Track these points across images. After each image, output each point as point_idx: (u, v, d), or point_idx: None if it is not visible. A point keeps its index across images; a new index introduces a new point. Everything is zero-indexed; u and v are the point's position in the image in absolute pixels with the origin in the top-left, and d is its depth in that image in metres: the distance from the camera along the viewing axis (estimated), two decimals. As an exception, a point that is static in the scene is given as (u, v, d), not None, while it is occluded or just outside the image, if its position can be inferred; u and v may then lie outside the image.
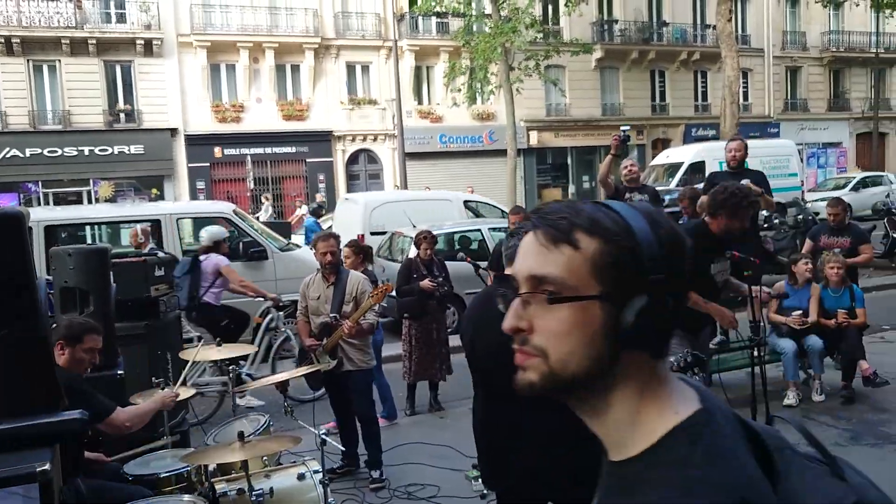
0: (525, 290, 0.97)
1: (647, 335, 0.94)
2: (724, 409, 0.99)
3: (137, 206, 9.60)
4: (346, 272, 5.39)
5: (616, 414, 0.96)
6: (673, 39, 31.31)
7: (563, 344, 0.94)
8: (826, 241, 7.14)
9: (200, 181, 24.89)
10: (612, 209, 0.97)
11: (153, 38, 23.89)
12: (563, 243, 0.94)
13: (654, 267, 0.93)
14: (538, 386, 0.96)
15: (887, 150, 36.20)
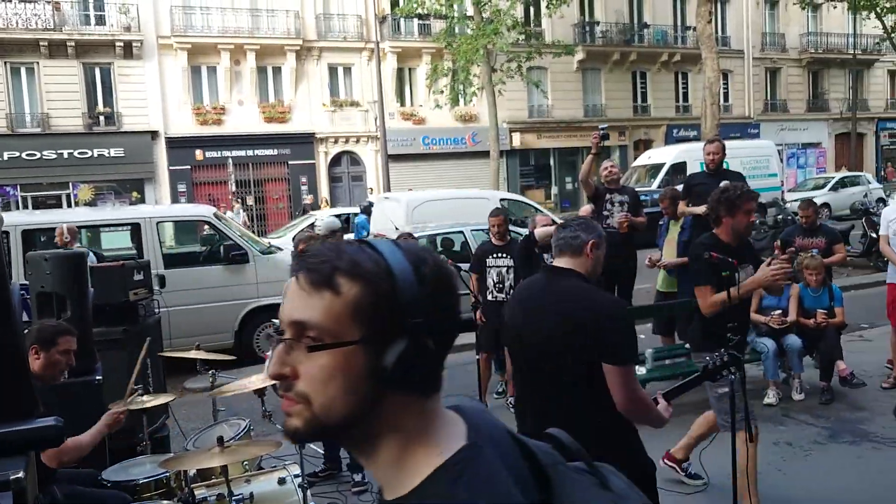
0: (288, 335, 0.95)
1: (411, 377, 0.94)
2: (498, 435, 1.00)
3: (117, 210, 9.51)
4: None
5: (384, 456, 0.96)
6: (654, 41, 31.52)
7: (325, 390, 0.93)
8: (801, 242, 7.19)
9: (181, 184, 24.73)
10: (376, 249, 0.96)
11: (133, 40, 23.72)
12: (324, 288, 0.93)
13: (414, 309, 0.93)
14: (302, 432, 0.95)
15: (865, 151, 36.64)
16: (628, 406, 2.75)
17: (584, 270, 2.92)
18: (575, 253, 2.93)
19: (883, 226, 6.66)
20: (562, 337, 2.81)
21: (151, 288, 5.69)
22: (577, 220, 3.10)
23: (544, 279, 3.04)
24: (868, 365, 7.16)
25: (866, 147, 36.92)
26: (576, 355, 2.79)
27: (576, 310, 2.80)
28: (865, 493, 4.64)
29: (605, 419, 2.81)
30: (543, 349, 2.89)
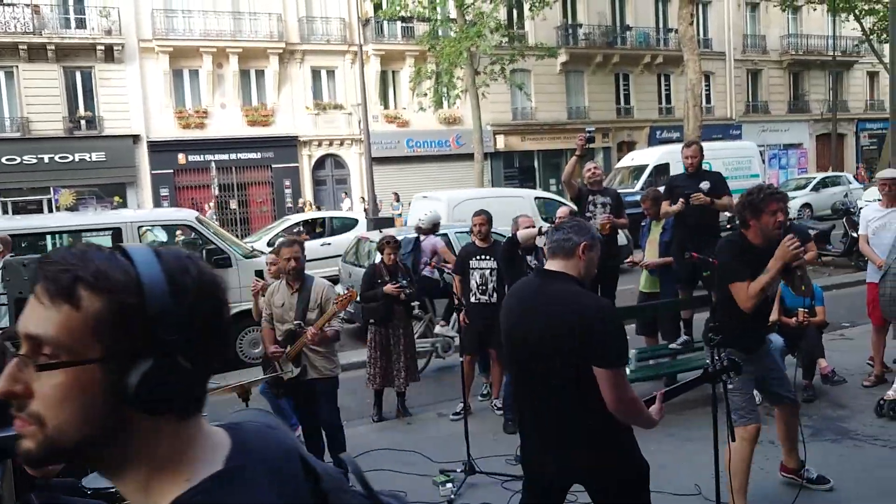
0: (24, 350, 0.87)
1: (161, 399, 0.87)
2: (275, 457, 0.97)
3: (98, 215, 9.42)
4: (310, 279, 5.34)
5: (130, 480, 0.91)
6: (636, 43, 31.69)
7: (59, 411, 0.85)
8: None
9: (164, 188, 24.57)
10: (129, 257, 0.89)
11: (114, 43, 23.54)
12: (62, 300, 0.85)
13: (166, 325, 0.86)
14: (35, 454, 0.86)
15: (846, 151, 37.01)
16: (618, 407, 2.77)
17: (577, 272, 2.94)
18: (567, 255, 2.95)
19: (862, 225, 6.73)
20: (551, 339, 2.82)
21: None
22: (570, 221, 3.11)
23: (537, 281, 3.06)
24: (849, 363, 7.22)
25: (847, 148, 37.30)
26: (565, 358, 2.80)
27: (565, 312, 2.82)
28: (848, 490, 4.67)
29: (595, 420, 2.82)
30: (534, 351, 2.91)
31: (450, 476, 5.20)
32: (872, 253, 6.60)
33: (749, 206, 4.01)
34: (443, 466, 5.42)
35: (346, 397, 7.76)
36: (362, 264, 10.53)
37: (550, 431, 2.97)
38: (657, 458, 5.32)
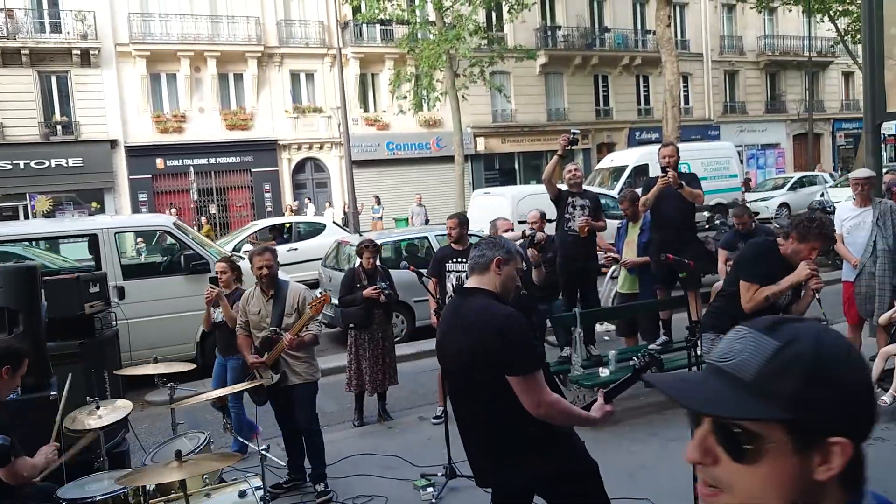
0: None
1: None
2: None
3: (74, 221, 9.31)
4: (285, 284, 5.31)
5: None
6: (615, 45, 31.87)
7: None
8: None
9: (142, 193, 24.35)
10: None
11: (90, 47, 23.31)
12: None
13: None
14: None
15: (822, 150, 37.45)
16: (540, 411, 2.82)
17: (494, 287, 3.01)
18: (482, 271, 3.03)
19: (837, 225, 6.79)
20: (470, 355, 2.90)
21: (108, 300, 5.59)
22: (486, 238, 3.19)
23: (457, 300, 3.16)
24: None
25: (823, 147, 37.73)
26: (485, 372, 2.87)
27: (476, 328, 2.90)
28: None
29: (530, 427, 2.88)
30: (459, 368, 3.01)
31: (431, 480, 5.19)
32: (847, 252, 6.68)
33: (803, 229, 4.13)
34: (424, 470, 5.41)
35: (327, 402, 7.74)
36: (342, 268, 10.50)
37: (489, 444, 3.02)
38: (639, 459, 5.37)
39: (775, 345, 1.00)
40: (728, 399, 1.00)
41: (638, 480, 5.02)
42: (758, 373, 0.99)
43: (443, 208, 25.89)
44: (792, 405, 0.97)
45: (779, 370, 0.98)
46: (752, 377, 0.99)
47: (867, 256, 6.49)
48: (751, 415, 0.98)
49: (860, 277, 6.57)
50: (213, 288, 5.90)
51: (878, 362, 6.03)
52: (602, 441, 5.07)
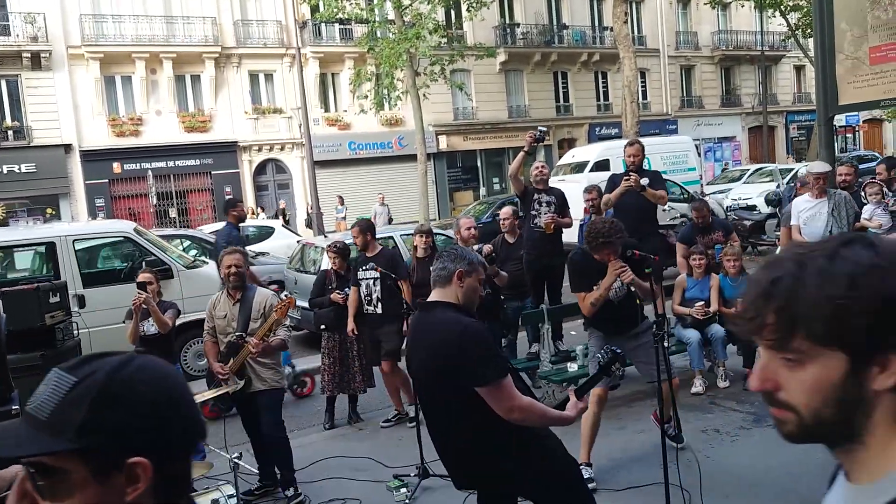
0: None
1: None
2: None
3: (30, 230, 9.10)
4: (252, 289, 5.26)
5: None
6: (573, 42, 32.13)
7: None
8: (702, 240, 7.38)
9: (99, 198, 23.86)
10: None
11: (41, 50, 22.76)
12: None
13: None
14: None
15: (776, 143, 38.24)
16: (514, 416, 2.84)
17: (456, 299, 3.01)
18: (444, 284, 3.03)
19: (794, 216, 6.93)
20: (434, 369, 2.93)
21: (69, 310, 5.48)
22: (449, 250, 3.19)
23: (421, 314, 3.18)
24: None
25: (777, 139, 38.53)
26: (448, 383, 2.89)
27: (436, 342, 2.92)
28: (789, 475, 4.82)
29: (503, 433, 2.90)
30: (424, 380, 3.05)
31: (404, 481, 5.19)
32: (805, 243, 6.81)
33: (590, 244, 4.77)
34: (396, 471, 5.41)
35: (296, 406, 7.69)
36: (308, 270, 10.43)
37: (464, 451, 3.03)
38: (608, 452, 5.43)
39: (72, 381, 1.03)
40: (25, 439, 1.01)
41: (607, 472, 5.08)
42: (53, 409, 1.02)
43: (406, 207, 25.87)
44: (81, 434, 0.99)
45: (71, 403, 1.01)
46: (47, 415, 1.01)
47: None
48: (37, 450, 1.00)
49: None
50: (140, 294, 5.57)
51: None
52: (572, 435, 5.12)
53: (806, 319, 0.97)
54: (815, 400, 0.99)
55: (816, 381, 0.98)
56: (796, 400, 1.00)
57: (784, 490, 4.63)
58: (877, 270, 0.97)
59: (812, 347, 0.98)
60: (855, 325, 0.95)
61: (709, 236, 7.44)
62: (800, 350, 0.98)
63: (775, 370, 1.01)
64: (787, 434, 1.04)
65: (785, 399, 1.01)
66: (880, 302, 0.95)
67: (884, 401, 0.98)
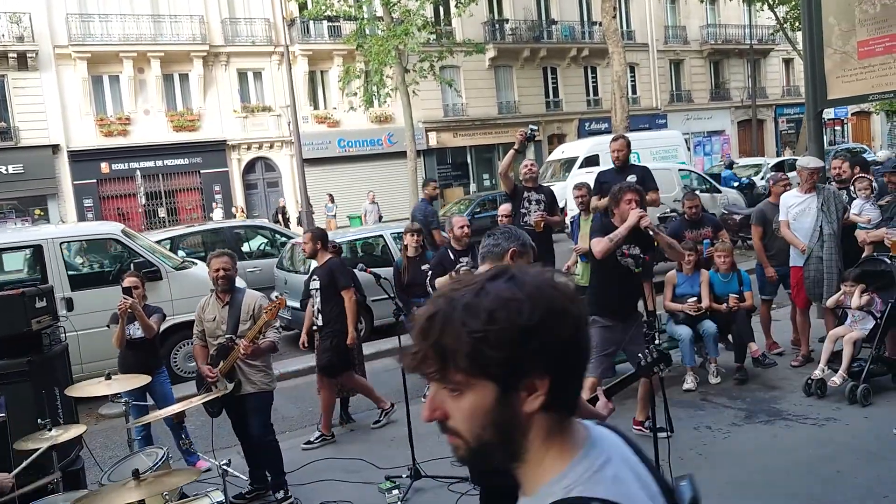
0: None
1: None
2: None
3: (17, 232, 9.02)
4: (241, 291, 5.22)
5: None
6: (562, 37, 32.13)
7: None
8: (690, 235, 7.39)
9: (88, 199, 23.72)
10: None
11: (27, 50, 22.59)
12: None
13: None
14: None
15: (766, 136, 38.36)
16: None
17: None
18: (496, 260, 3.00)
19: (783, 211, 6.93)
20: None
21: (56, 314, 5.41)
22: (503, 228, 3.15)
23: None
24: (779, 342, 7.47)
25: (766, 133, 38.65)
26: None
27: None
28: (781, 471, 4.82)
29: None
30: None
31: (395, 482, 5.16)
32: (794, 238, 6.82)
33: (612, 196, 5.03)
34: (388, 472, 5.38)
35: (288, 406, 7.65)
36: (298, 270, 10.38)
37: None
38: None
39: None
40: None
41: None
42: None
43: (396, 204, 25.82)
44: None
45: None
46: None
47: (814, 241, 6.65)
48: None
49: (808, 262, 6.72)
50: (126, 299, 5.51)
51: (828, 344, 6.19)
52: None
53: (454, 353, 1.04)
54: (476, 426, 1.07)
55: (473, 409, 1.06)
56: (461, 427, 1.08)
57: (776, 486, 4.63)
58: (514, 303, 1.04)
59: (465, 378, 1.05)
60: (494, 356, 1.03)
61: (698, 231, 7.44)
62: (457, 381, 1.06)
63: (443, 400, 1.09)
64: (460, 458, 1.11)
65: (453, 426, 1.09)
66: (517, 332, 1.03)
67: (536, 421, 1.08)
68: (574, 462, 1.09)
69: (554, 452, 1.10)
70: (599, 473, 1.08)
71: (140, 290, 5.73)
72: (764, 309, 7.51)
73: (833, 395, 5.98)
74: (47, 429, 3.95)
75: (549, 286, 1.09)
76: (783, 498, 4.49)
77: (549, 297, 1.07)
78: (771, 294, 7.50)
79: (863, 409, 5.70)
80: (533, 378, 1.05)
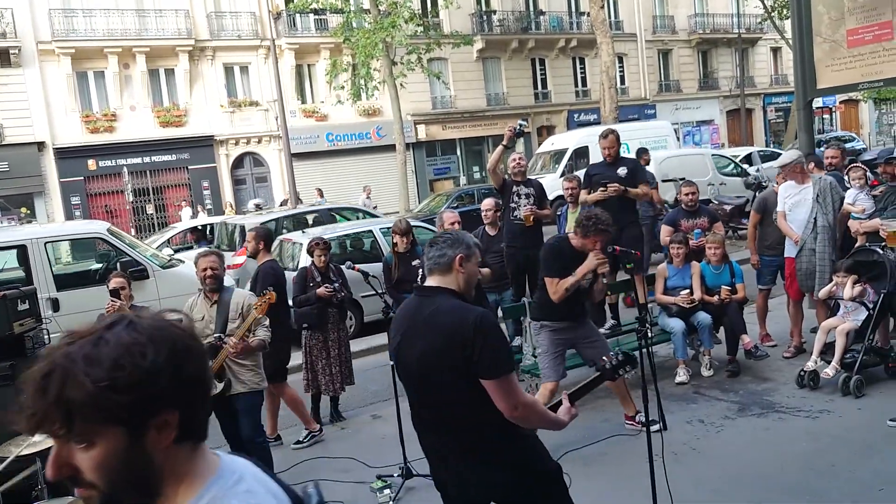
0: None
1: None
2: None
3: (1, 231, 8.90)
4: (229, 290, 5.14)
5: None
6: (550, 28, 32.03)
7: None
8: (686, 224, 7.35)
9: (75, 196, 23.51)
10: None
11: (9, 46, 22.31)
12: None
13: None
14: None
15: (755, 125, 38.41)
16: (515, 414, 2.72)
17: (457, 286, 2.89)
18: (444, 271, 2.90)
19: (780, 201, 6.90)
20: (435, 358, 2.77)
21: (40, 316, 5.33)
22: (444, 236, 3.05)
23: (415, 301, 3.01)
24: (771, 334, 7.45)
25: (755, 122, 38.70)
26: (451, 375, 2.75)
27: (446, 327, 2.76)
28: (774, 464, 4.79)
29: (493, 431, 2.79)
30: (421, 373, 2.87)
31: (387, 482, 5.11)
32: (789, 229, 6.79)
33: (583, 227, 4.96)
34: (379, 471, 5.33)
35: (277, 406, 7.57)
36: (286, 266, 10.28)
37: (451, 454, 2.90)
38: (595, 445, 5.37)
39: None
40: None
41: (591, 466, 5.03)
42: None
43: (387, 197, 25.72)
44: None
45: None
46: None
47: (808, 233, 6.62)
48: None
49: (801, 254, 6.70)
50: (114, 301, 5.41)
51: (820, 335, 6.17)
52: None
53: (80, 406, 1.04)
54: (110, 473, 1.08)
55: (105, 457, 1.07)
56: (94, 477, 1.08)
57: (770, 480, 4.60)
58: (136, 346, 1.07)
59: (94, 429, 1.06)
60: (122, 401, 1.04)
61: (693, 221, 7.39)
62: (85, 434, 1.06)
63: (69, 456, 1.08)
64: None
65: (86, 479, 1.09)
66: (143, 374, 1.06)
67: (169, 454, 1.12)
68: (209, 484, 1.15)
69: (189, 479, 1.14)
70: (233, 489, 1.15)
71: (127, 290, 5.64)
72: (761, 298, 7.48)
73: (826, 386, 5.95)
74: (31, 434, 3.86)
75: (169, 326, 1.13)
76: (777, 492, 4.46)
77: (172, 337, 1.11)
78: (769, 283, 7.47)
79: (856, 400, 5.68)
80: (163, 415, 1.09)
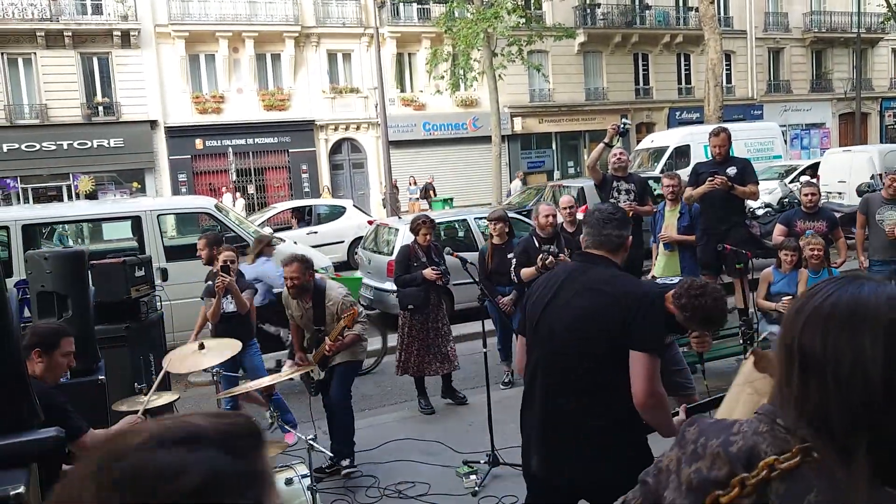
0: None
1: None
2: None
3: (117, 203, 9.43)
4: (322, 287, 5.22)
5: None
6: (655, 23, 31.23)
7: None
8: (802, 225, 7.04)
9: (182, 174, 24.63)
10: None
11: (130, 29, 23.54)
12: None
13: None
14: None
15: (869, 130, 36.39)
16: (648, 402, 2.67)
17: (620, 262, 2.95)
18: (615, 250, 2.94)
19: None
20: (594, 317, 2.77)
21: (153, 283, 5.64)
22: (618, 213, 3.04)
23: (578, 265, 3.03)
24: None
25: (870, 127, 36.64)
26: (601, 337, 2.74)
27: (615, 290, 2.78)
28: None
29: (616, 414, 2.75)
30: (571, 330, 2.82)
31: (473, 468, 5.15)
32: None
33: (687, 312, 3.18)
34: (466, 457, 5.38)
35: (368, 385, 7.74)
36: (381, 251, 10.48)
37: (560, 424, 2.85)
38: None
39: None
40: None
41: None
42: None
43: (478, 189, 25.79)
44: None
45: None
46: None
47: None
48: None
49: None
50: (224, 277, 5.65)
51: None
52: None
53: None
54: None
55: None
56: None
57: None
58: None
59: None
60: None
61: (811, 223, 7.07)
62: None
63: None
64: None
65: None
66: None
67: None
68: None
69: None
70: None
71: (235, 264, 5.89)
72: None
73: None
74: (143, 394, 4.10)
75: None
76: None
77: None
78: None
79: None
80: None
